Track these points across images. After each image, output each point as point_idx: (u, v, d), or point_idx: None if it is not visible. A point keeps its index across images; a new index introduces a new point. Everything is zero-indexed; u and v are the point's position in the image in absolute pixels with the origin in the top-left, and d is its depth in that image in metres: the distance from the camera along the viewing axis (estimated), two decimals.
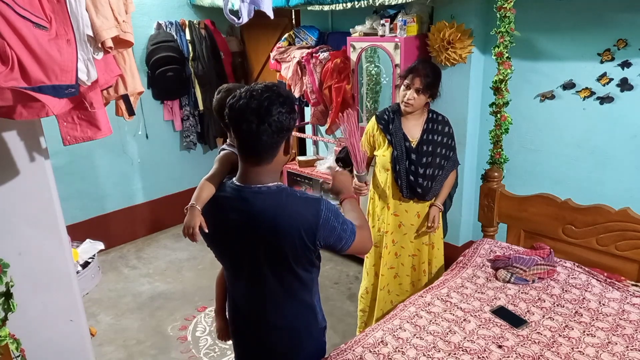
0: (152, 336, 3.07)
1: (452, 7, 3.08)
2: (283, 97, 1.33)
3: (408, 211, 2.53)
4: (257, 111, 1.29)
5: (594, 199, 2.34)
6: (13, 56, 1.25)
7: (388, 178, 2.49)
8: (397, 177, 2.44)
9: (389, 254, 2.60)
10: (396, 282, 2.66)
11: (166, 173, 4.56)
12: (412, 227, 2.56)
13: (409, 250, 2.61)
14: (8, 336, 1.49)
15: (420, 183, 2.42)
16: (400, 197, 2.50)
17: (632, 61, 2.58)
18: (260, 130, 1.30)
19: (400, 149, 2.42)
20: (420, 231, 2.57)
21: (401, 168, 2.42)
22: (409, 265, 2.64)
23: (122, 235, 4.33)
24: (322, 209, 1.38)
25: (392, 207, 2.53)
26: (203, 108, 4.43)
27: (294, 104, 1.38)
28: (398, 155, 2.42)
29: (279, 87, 1.36)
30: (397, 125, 2.43)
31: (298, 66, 3.76)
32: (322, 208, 1.38)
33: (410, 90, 2.34)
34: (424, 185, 2.43)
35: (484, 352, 1.72)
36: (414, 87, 2.33)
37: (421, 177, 2.42)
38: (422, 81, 2.31)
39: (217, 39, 4.41)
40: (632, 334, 1.79)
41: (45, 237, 1.86)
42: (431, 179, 2.45)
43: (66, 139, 1.81)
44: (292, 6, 3.50)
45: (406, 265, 2.63)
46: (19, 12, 1.26)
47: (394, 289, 2.67)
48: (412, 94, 2.34)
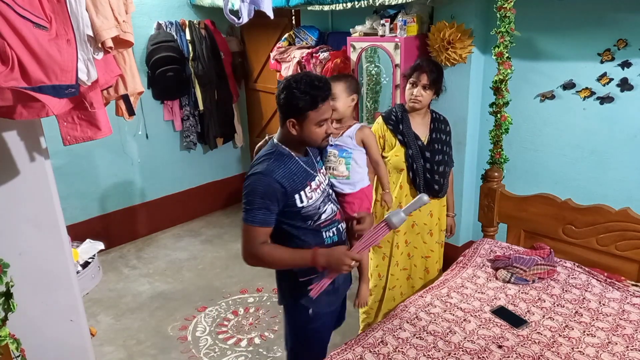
0: (152, 336, 3.07)
1: (452, 7, 3.08)
2: (298, 81, 1.61)
3: (421, 210, 2.50)
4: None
5: (594, 199, 2.34)
6: (13, 56, 1.25)
7: (402, 178, 2.48)
8: (415, 175, 2.44)
9: (401, 255, 2.58)
10: (409, 284, 2.65)
11: (166, 173, 4.56)
12: (425, 227, 2.55)
13: (422, 252, 2.60)
14: (8, 336, 1.49)
15: (437, 180, 2.44)
16: (415, 195, 2.49)
17: (632, 61, 2.58)
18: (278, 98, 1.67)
19: (414, 147, 2.42)
20: (432, 231, 2.57)
21: (418, 166, 2.43)
22: (421, 268, 2.63)
23: (122, 235, 4.33)
24: (250, 177, 1.64)
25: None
26: (203, 108, 4.43)
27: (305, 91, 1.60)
28: (414, 154, 2.42)
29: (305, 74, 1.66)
30: (407, 124, 2.43)
31: (298, 66, 3.75)
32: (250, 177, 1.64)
33: (417, 88, 2.36)
34: (440, 182, 2.45)
35: (484, 352, 1.72)
36: (421, 83, 2.35)
37: (437, 174, 2.44)
38: (429, 77, 2.33)
39: (217, 39, 4.41)
40: (632, 334, 1.79)
41: (45, 237, 1.86)
42: (444, 175, 2.47)
43: (66, 139, 1.81)
44: (292, 6, 3.50)
45: (419, 267, 2.62)
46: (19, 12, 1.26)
47: (407, 292, 2.65)
48: (419, 91, 2.36)
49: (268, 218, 1.64)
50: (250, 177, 1.65)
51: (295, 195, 1.67)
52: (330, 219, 1.79)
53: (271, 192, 1.61)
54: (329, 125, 1.70)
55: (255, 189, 1.61)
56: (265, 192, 1.61)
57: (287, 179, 1.64)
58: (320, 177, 1.79)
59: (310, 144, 1.74)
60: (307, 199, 1.70)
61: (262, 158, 1.69)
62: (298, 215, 1.70)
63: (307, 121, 1.65)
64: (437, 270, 2.64)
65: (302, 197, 1.68)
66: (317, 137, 1.69)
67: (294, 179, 1.67)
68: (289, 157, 1.70)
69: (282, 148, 1.71)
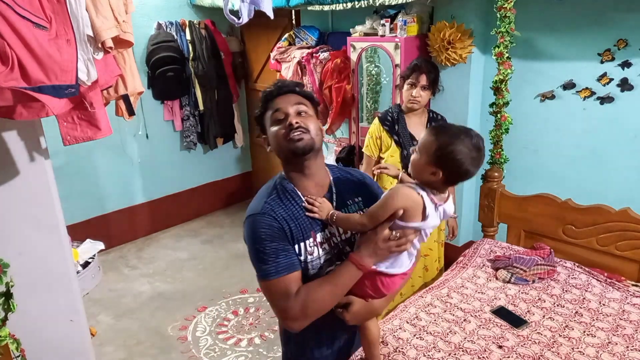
0: (152, 336, 3.07)
1: (452, 7, 3.08)
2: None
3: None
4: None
5: (594, 199, 2.34)
6: (13, 56, 1.25)
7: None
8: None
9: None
10: (408, 284, 2.66)
11: (166, 173, 4.56)
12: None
13: (422, 251, 2.60)
14: (8, 336, 1.49)
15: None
16: None
17: (632, 61, 2.58)
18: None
19: (409, 148, 2.43)
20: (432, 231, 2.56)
21: None
22: (420, 267, 2.63)
23: (122, 235, 4.33)
24: (245, 223, 1.30)
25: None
26: (203, 108, 4.43)
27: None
28: (409, 155, 2.42)
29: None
30: (403, 125, 2.44)
31: (298, 66, 3.76)
32: (245, 223, 1.30)
33: (416, 88, 2.37)
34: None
35: (484, 352, 1.72)
36: (420, 84, 2.37)
37: None
38: (428, 78, 2.35)
39: (218, 39, 4.41)
40: (632, 334, 1.79)
41: (45, 237, 1.86)
42: None
43: (66, 139, 1.81)
44: (292, 6, 3.50)
45: (418, 267, 2.63)
46: (19, 12, 1.26)
47: (405, 292, 2.65)
48: (418, 92, 2.37)
49: (292, 260, 1.26)
50: (246, 222, 1.30)
51: (295, 246, 1.29)
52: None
53: (277, 231, 1.26)
54: (291, 115, 1.30)
55: (257, 234, 1.25)
56: (271, 233, 1.25)
57: (288, 222, 1.28)
58: (334, 228, 1.34)
59: (283, 155, 1.33)
60: (305, 254, 1.29)
61: (260, 194, 1.36)
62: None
63: (267, 126, 1.35)
64: (436, 269, 2.64)
65: (300, 250, 1.29)
66: (278, 139, 1.30)
67: (294, 225, 1.28)
68: (292, 196, 1.32)
69: (285, 182, 1.35)
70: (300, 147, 1.28)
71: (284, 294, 1.24)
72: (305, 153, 1.29)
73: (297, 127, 1.27)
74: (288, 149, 1.29)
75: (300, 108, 1.32)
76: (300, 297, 1.24)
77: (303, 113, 1.32)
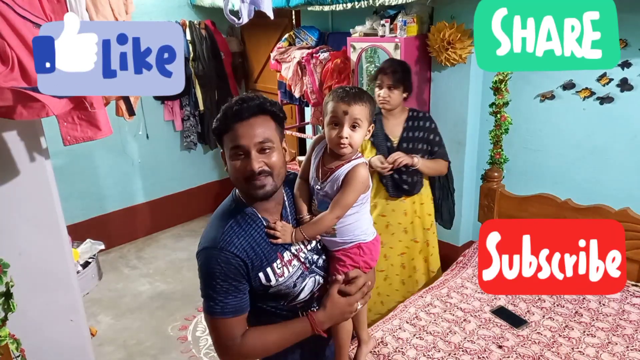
0: (152, 336, 3.07)
1: (452, 8, 3.08)
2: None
3: (395, 210, 2.54)
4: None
5: (594, 199, 2.34)
6: (13, 56, 1.25)
7: (374, 179, 2.49)
8: (382, 176, 2.46)
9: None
10: (386, 283, 2.66)
11: (166, 173, 4.56)
12: (400, 226, 2.57)
13: (398, 250, 2.61)
14: (8, 336, 1.49)
15: (405, 179, 2.45)
16: (387, 196, 2.52)
17: (632, 61, 2.58)
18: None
19: (382, 149, 2.45)
20: (407, 229, 2.58)
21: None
22: (398, 265, 2.64)
23: (122, 235, 4.33)
24: (199, 255, 1.25)
25: (379, 207, 2.54)
26: (203, 108, 4.43)
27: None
28: (381, 155, 2.45)
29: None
30: (378, 126, 2.47)
31: (298, 66, 3.76)
32: (199, 255, 1.25)
33: (383, 89, 2.41)
34: (409, 181, 2.46)
35: (484, 352, 1.72)
36: (385, 85, 2.40)
37: (405, 174, 2.44)
38: (391, 77, 2.38)
39: (218, 39, 4.42)
40: (632, 334, 1.79)
41: (45, 237, 1.86)
42: (414, 174, 2.46)
43: (66, 139, 1.81)
44: (292, 6, 3.50)
45: (395, 265, 2.64)
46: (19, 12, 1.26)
47: (384, 290, 2.66)
48: (385, 92, 2.40)
49: (240, 302, 1.23)
50: (201, 254, 1.24)
51: (260, 274, 1.24)
52: (311, 296, 1.34)
53: (232, 269, 1.20)
54: (253, 159, 1.18)
55: (211, 270, 1.20)
56: (225, 272, 1.19)
57: (249, 252, 1.22)
58: (299, 243, 1.31)
59: (242, 192, 1.26)
60: (275, 277, 1.25)
61: (216, 220, 1.27)
62: (265, 296, 1.28)
63: (226, 151, 1.24)
64: (413, 268, 2.62)
65: (268, 275, 1.24)
66: (238, 178, 1.21)
67: (257, 251, 1.23)
68: (253, 220, 1.25)
69: (244, 205, 1.27)
70: (261, 194, 1.22)
71: (225, 335, 1.23)
72: (266, 198, 1.24)
73: (260, 173, 1.18)
74: (247, 192, 1.24)
75: (264, 143, 1.19)
76: (245, 341, 1.23)
77: (267, 149, 1.20)
